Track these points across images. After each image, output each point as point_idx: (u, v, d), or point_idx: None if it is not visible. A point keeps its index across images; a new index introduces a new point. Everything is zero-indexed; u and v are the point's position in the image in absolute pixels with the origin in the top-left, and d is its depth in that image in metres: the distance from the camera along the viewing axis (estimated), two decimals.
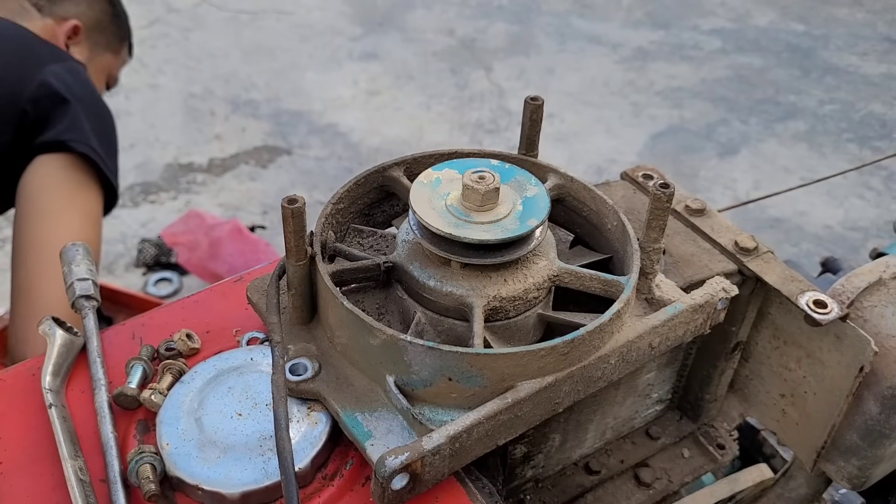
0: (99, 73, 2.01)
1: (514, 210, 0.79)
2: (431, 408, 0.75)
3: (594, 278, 0.82)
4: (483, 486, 0.78)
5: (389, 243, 0.89)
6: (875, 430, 0.94)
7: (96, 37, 1.95)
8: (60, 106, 1.66)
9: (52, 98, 1.65)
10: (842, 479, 1.01)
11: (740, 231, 1.00)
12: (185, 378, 0.83)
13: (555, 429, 0.96)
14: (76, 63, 1.78)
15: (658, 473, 1.07)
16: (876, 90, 4.21)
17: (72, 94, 1.68)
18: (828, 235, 3.26)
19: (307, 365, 0.80)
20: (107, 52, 2.01)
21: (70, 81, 1.70)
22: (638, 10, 4.91)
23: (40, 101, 1.64)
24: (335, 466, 0.78)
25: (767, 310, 1.00)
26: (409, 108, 3.98)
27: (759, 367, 1.06)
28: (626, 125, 3.90)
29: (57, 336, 0.87)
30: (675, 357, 1.05)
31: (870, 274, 0.96)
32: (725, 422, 1.14)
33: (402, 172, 0.91)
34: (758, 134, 3.85)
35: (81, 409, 0.84)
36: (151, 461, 0.75)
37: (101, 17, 1.95)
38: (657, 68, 4.34)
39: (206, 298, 0.98)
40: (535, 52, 4.47)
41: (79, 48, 1.90)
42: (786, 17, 4.87)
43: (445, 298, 0.78)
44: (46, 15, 1.84)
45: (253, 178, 3.48)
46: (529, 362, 0.73)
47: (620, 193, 1.07)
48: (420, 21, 4.71)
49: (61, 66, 1.71)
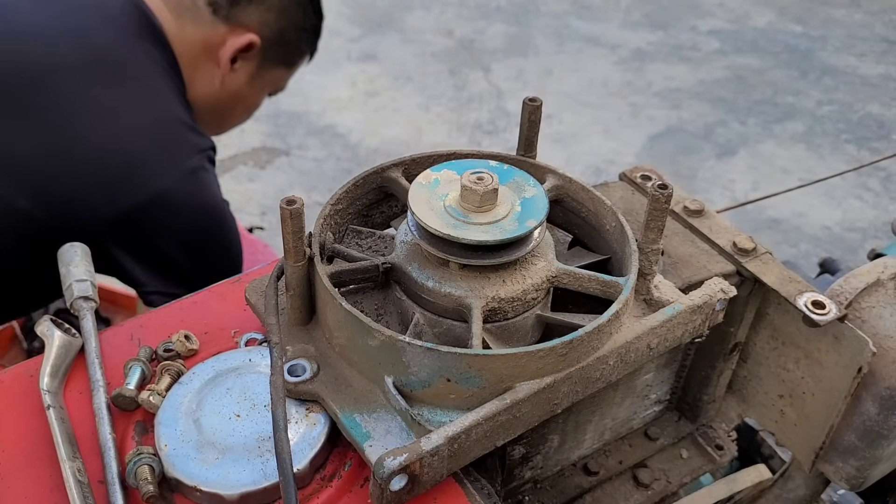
0: (261, 88, 1.69)
1: (513, 211, 0.79)
2: (430, 409, 0.75)
3: (592, 279, 0.82)
4: (482, 487, 0.78)
5: (388, 244, 0.89)
6: (873, 430, 0.95)
7: (273, 51, 1.59)
8: (143, 250, 1.33)
9: (134, 240, 1.32)
10: (840, 480, 1.01)
11: (739, 232, 1.00)
12: (183, 379, 0.83)
13: (553, 430, 0.96)
14: (201, 157, 1.38)
15: (656, 474, 1.07)
16: (874, 91, 4.21)
17: (164, 234, 1.33)
18: (826, 236, 3.27)
19: (306, 366, 0.79)
20: (281, 66, 1.67)
21: (168, 214, 1.32)
22: (636, 11, 4.91)
23: (113, 237, 1.30)
24: (334, 467, 0.78)
25: (766, 311, 1.00)
26: (408, 108, 3.98)
27: (758, 368, 1.06)
28: (624, 126, 3.90)
29: (55, 337, 0.87)
30: (673, 358, 1.05)
31: (868, 275, 0.96)
32: (724, 422, 1.14)
33: (400, 173, 0.91)
34: (756, 135, 3.86)
35: (80, 411, 0.84)
36: (150, 462, 0.75)
37: (287, 28, 1.59)
38: (655, 69, 4.34)
39: (204, 299, 0.98)
40: (533, 52, 4.47)
41: (246, 65, 1.58)
42: (784, 19, 4.87)
43: (444, 299, 0.78)
44: (221, 19, 1.50)
45: (251, 180, 3.48)
46: (528, 363, 0.73)
47: (619, 194, 1.07)
48: (418, 22, 4.71)
49: (186, 184, 1.33)
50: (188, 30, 1.48)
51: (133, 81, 1.36)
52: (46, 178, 1.26)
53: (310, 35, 1.68)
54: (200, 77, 1.54)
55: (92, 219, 1.27)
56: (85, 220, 1.27)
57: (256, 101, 1.72)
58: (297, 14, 1.60)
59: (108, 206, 1.28)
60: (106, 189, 1.28)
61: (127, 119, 1.32)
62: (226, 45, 1.52)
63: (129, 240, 1.32)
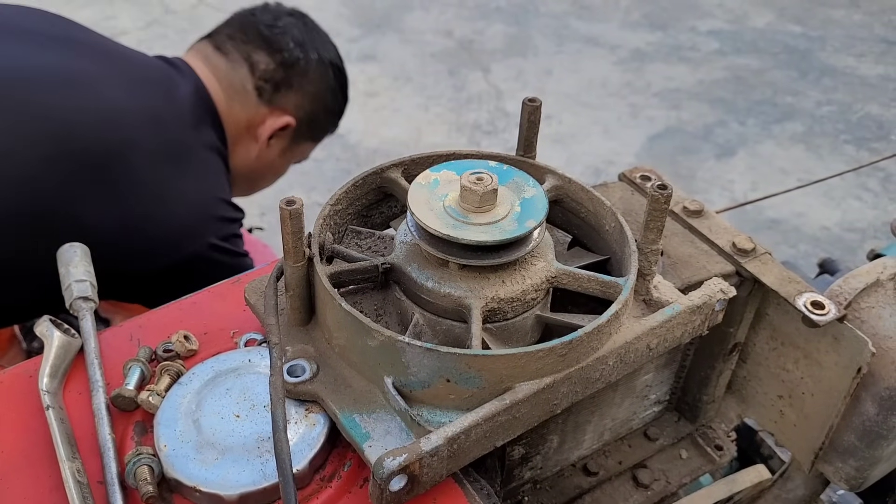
0: (290, 160, 1.91)
1: (512, 211, 0.79)
2: (429, 409, 0.75)
3: (592, 279, 0.82)
4: (481, 487, 0.78)
5: (387, 245, 0.89)
6: (873, 430, 0.95)
7: (304, 129, 1.83)
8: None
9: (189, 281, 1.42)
10: (839, 480, 1.01)
11: (738, 232, 1.00)
12: (182, 380, 0.83)
13: (553, 430, 0.96)
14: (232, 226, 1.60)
15: (656, 475, 1.07)
16: (873, 91, 4.22)
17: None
18: (825, 237, 3.27)
19: (305, 366, 0.79)
20: (308, 141, 1.90)
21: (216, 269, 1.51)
22: (635, 11, 4.91)
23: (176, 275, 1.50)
24: (333, 468, 0.78)
25: (765, 311, 1.00)
26: (407, 109, 3.98)
27: (757, 369, 1.06)
28: (623, 126, 3.90)
29: (54, 337, 0.87)
30: (672, 358, 1.05)
31: (867, 275, 0.96)
32: (723, 423, 1.14)
33: (400, 174, 0.91)
34: (755, 135, 3.86)
35: (79, 411, 0.84)
36: (149, 463, 0.75)
37: (318, 110, 1.82)
38: (655, 70, 4.34)
39: (203, 300, 0.98)
40: (532, 53, 4.47)
41: (279, 142, 1.80)
42: (783, 19, 4.87)
43: (443, 300, 0.78)
44: (265, 102, 1.72)
45: None
46: (527, 364, 0.73)
47: (618, 195, 1.07)
48: (418, 22, 4.71)
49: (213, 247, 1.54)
50: (236, 109, 1.70)
51: (193, 165, 1.56)
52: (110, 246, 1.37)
53: (337, 116, 1.92)
54: (240, 150, 1.76)
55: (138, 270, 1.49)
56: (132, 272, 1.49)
57: (284, 169, 1.96)
58: (329, 99, 1.84)
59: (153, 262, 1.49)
60: (153, 251, 1.49)
61: (180, 197, 1.52)
62: (265, 124, 1.74)
63: (168, 283, 1.49)
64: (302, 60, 1.75)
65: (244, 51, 1.72)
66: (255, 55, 1.72)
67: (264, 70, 1.72)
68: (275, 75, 1.72)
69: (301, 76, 1.76)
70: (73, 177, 1.40)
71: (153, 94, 1.56)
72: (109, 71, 1.54)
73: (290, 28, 1.77)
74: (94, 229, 1.41)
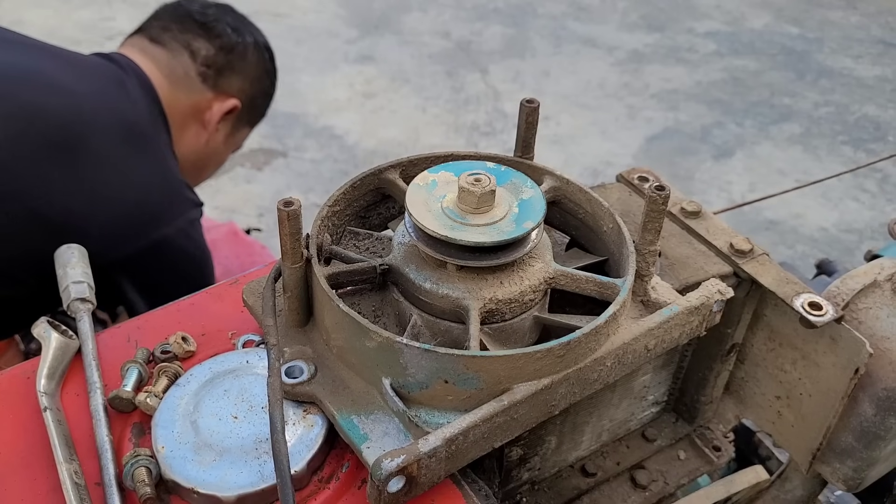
0: (231, 147, 1.96)
1: (510, 212, 0.79)
2: (427, 410, 0.75)
3: (590, 280, 0.82)
4: (479, 488, 0.78)
5: (385, 246, 0.89)
6: (870, 431, 0.95)
7: (246, 114, 1.88)
8: (149, 284, 1.55)
9: (143, 274, 1.55)
10: (837, 481, 1.01)
11: (735, 233, 1.00)
12: (180, 381, 0.83)
13: (551, 431, 0.96)
14: (191, 209, 1.63)
15: (654, 475, 1.07)
16: (870, 93, 4.22)
17: (168, 271, 1.58)
18: (823, 237, 3.27)
19: (303, 367, 0.79)
20: (246, 126, 1.95)
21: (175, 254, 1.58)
22: (633, 12, 4.91)
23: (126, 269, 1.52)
24: (331, 469, 0.78)
25: (763, 312, 1.00)
26: (405, 110, 3.98)
27: (755, 369, 1.06)
28: (621, 128, 3.90)
29: (52, 339, 0.87)
30: (670, 359, 1.05)
31: (865, 276, 0.96)
32: (721, 424, 1.15)
33: (397, 175, 0.91)
34: (753, 136, 3.86)
35: (76, 413, 0.84)
36: (147, 464, 0.75)
37: (257, 94, 1.89)
38: (652, 71, 4.35)
39: (201, 301, 0.98)
40: (530, 54, 4.48)
41: (225, 126, 1.84)
42: (780, 20, 4.88)
43: (441, 301, 0.78)
44: (209, 87, 1.76)
45: (248, 181, 3.47)
46: (525, 365, 0.73)
47: (616, 196, 1.07)
48: (416, 24, 4.71)
49: (175, 230, 1.57)
50: (181, 97, 1.72)
51: (152, 150, 1.61)
52: (80, 228, 1.44)
53: (270, 100, 1.99)
54: (188, 137, 1.78)
55: (109, 256, 1.47)
56: (104, 257, 1.43)
57: (226, 158, 2.00)
58: (266, 82, 1.91)
59: (124, 246, 1.50)
60: (124, 233, 1.51)
61: (145, 179, 1.56)
62: (212, 109, 1.77)
63: (137, 273, 1.54)
64: (240, 45, 1.79)
65: (182, 39, 1.74)
66: (194, 42, 1.74)
67: (206, 56, 1.74)
68: (217, 60, 1.75)
69: (241, 60, 1.79)
70: (38, 155, 1.42)
71: (106, 85, 1.59)
72: (61, 65, 1.57)
73: (223, 15, 1.81)
74: (62, 210, 1.43)
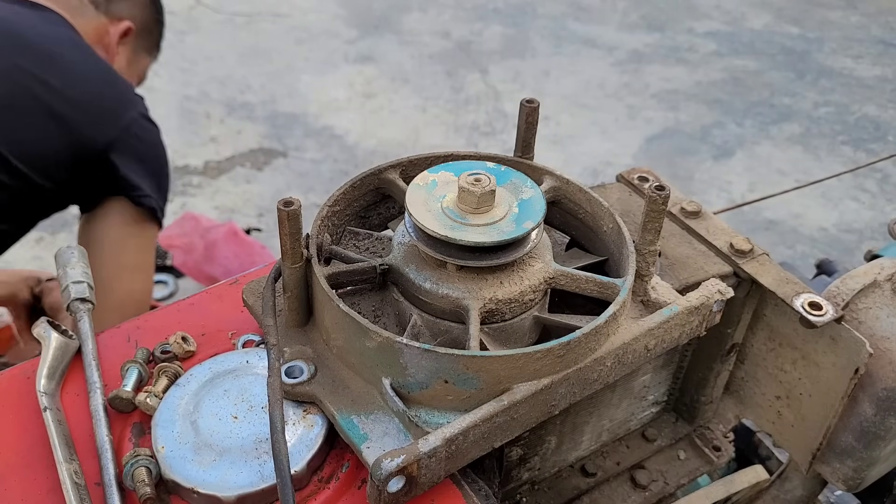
0: (137, 75, 2.07)
1: (510, 212, 0.79)
2: (427, 410, 0.75)
3: (590, 280, 0.82)
4: (479, 488, 0.78)
5: (385, 246, 0.89)
6: (870, 431, 0.95)
7: (142, 39, 1.99)
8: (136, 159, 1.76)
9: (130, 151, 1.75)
10: (837, 481, 1.01)
11: (735, 233, 1.00)
12: (180, 381, 0.83)
13: (551, 431, 0.96)
14: (142, 100, 1.83)
15: (654, 475, 1.07)
16: (870, 93, 4.22)
17: (146, 146, 1.79)
18: (823, 237, 3.27)
19: (303, 367, 0.79)
20: (146, 54, 2.06)
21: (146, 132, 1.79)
22: (633, 12, 4.91)
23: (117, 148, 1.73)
24: (331, 469, 0.78)
25: (763, 312, 1.00)
26: (405, 110, 3.98)
27: (755, 369, 1.06)
28: (621, 128, 3.90)
29: (52, 339, 0.87)
30: (670, 359, 1.05)
31: (864, 276, 0.96)
32: (721, 424, 1.15)
33: (397, 175, 0.91)
34: (753, 136, 3.86)
35: (76, 413, 0.84)
36: (147, 464, 0.75)
37: (148, 19, 1.99)
38: (652, 71, 4.35)
39: (201, 301, 0.98)
40: (530, 54, 4.48)
41: (125, 49, 1.94)
42: (780, 20, 4.88)
43: (441, 301, 0.78)
44: (102, 12, 1.87)
45: (248, 181, 3.47)
46: (525, 364, 0.73)
47: (616, 196, 1.07)
48: (416, 24, 4.71)
49: (138, 113, 1.78)
50: (80, 22, 1.83)
51: (94, 53, 1.81)
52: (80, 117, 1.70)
53: (162, 28, 2.10)
54: None
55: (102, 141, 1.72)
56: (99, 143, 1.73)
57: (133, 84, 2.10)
58: (154, 10, 2.04)
59: (109, 129, 1.73)
60: (105, 117, 1.74)
61: (104, 74, 1.78)
62: (109, 33, 1.90)
63: (126, 148, 1.75)
64: None
65: None
66: None
67: None
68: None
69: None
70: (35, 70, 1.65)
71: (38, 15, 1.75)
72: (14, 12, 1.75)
73: None
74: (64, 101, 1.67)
